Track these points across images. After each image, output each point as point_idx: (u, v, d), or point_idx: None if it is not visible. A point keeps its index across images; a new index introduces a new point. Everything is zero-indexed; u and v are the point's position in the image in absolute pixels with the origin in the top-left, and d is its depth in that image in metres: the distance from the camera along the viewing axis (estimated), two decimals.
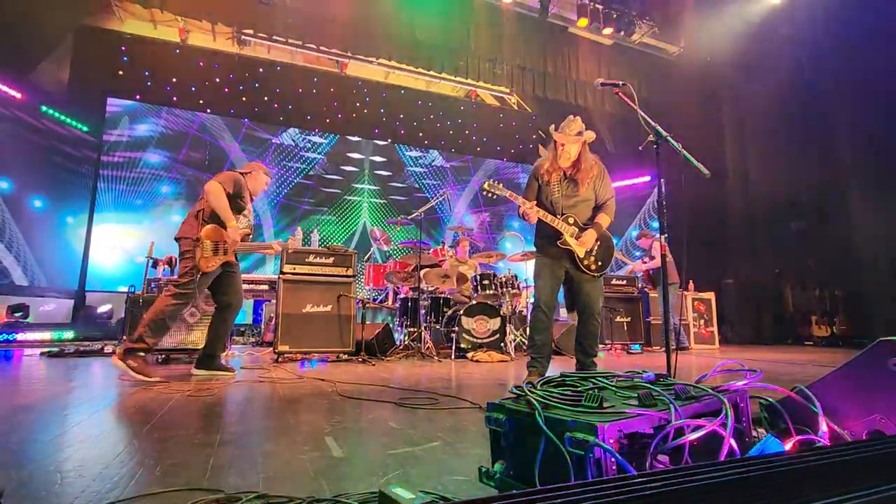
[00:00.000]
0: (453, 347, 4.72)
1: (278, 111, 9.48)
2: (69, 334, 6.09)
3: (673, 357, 2.26)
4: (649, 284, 6.39)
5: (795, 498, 0.63)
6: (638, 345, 6.11)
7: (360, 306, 4.40)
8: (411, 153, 10.68)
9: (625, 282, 6.32)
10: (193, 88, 8.86)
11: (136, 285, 4.56)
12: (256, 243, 3.34)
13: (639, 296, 6.30)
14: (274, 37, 7.86)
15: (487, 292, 5.11)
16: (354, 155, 10.14)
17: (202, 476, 1.17)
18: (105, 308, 7.00)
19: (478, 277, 5.23)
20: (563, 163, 2.89)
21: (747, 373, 1.13)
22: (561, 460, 0.87)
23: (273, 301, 5.97)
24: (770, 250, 8.18)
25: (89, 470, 1.22)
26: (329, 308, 4.23)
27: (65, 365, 3.68)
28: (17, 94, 6.73)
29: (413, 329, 5.02)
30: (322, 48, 8.23)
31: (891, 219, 6.47)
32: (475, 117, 11.28)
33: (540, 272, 2.94)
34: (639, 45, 8.90)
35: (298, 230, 5.45)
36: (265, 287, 5.88)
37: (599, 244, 2.89)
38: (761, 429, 1.15)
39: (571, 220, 2.87)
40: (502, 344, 4.89)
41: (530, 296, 6.08)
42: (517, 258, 5.95)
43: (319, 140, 9.85)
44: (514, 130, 11.67)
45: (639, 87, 2.49)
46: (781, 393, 1.15)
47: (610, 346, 5.99)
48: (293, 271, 4.19)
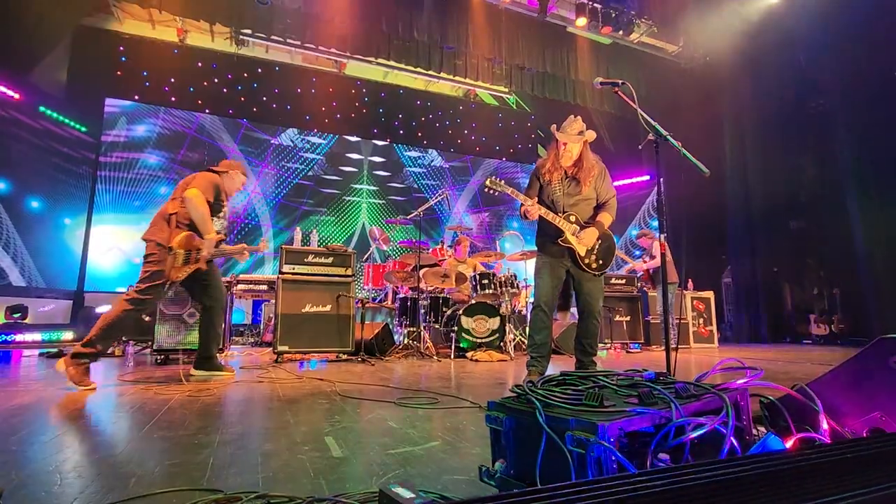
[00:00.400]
0: (453, 347, 4.72)
1: (277, 111, 9.47)
2: (68, 335, 6.08)
3: (672, 356, 2.25)
4: (648, 284, 6.40)
5: (797, 496, 0.63)
6: (637, 344, 6.12)
7: (360, 306, 4.39)
8: (410, 153, 10.68)
9: (624, 281, 6.33)
10: (192, 89, 8.85)
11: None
12: (228, 248, 3.23)
13: (638, 295, 6.31)
14: (272, 37, 7.85)
15: (487, 292, 5.11)
16: (353, 155, 10.14)
17: (202, 476, 1.17)
18: (104, 309, 6.99)
19: (477, 277, 5.23)
20: (565, 162, 2.90)
21: (748, 371, 1.13)
22: (562, 459, 0.87)
23: (272, 301, 5.97)
24: (769, 249, 8.20)
25: (89, 470, 1.22)
26: (328, 308, 4.22)
27: None
28: (16, 95, 6.71)
29: (412, 329, 5.02)
30: (320, 48, 8.22)
31: (889, 217, 6.48)
32: (474, 117, 11.28)
33: (540, 271, 2.94)
34: (638, 45, 8.90)
35: (297, 230, 5.45)
36: (264, 287, 5.88)
37: (601, 243, 2.89)
38: (762, 427, 1.15)
39: (573, 219, 2.87)
40: (502, 343, 4.89)
41: (529, 295, 6.09)
42: (516, 257, 5.95)
43: (318, 141, 9.84)
44: (513, 130, 11.68)
45: (638, 87, 2.50)
46: (782, 391, 1.15)
47: (609, 346, 6.00)
48: (292, 271, 4.18)
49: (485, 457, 1.17)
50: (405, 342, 4.97)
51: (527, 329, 3.45)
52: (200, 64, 8.92)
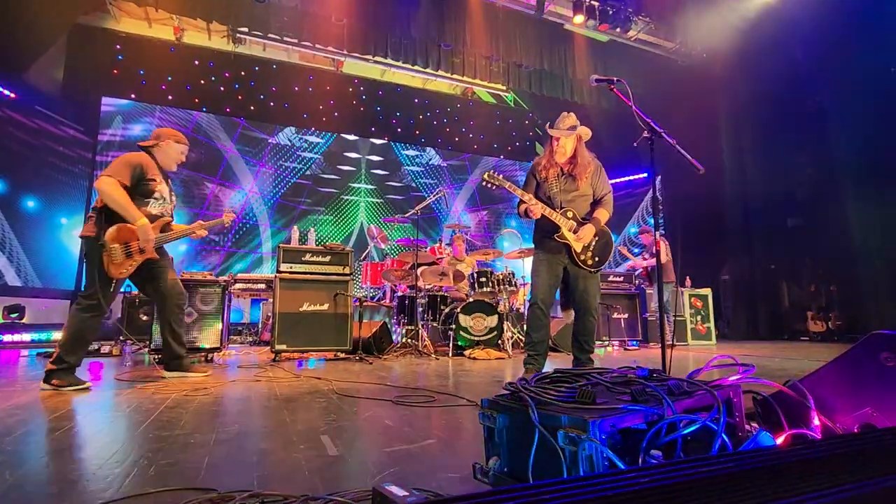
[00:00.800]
0: (450, 345, 4.72)
1: (274, 109, 9.45)
2: None
3: (668, 353, 2.26)
4: (646, 281, 6.41)
5: (787, 491, 0.63)
6: (635, 341, 6.13)
7: (358, 305, 4.39)
8: (408, 152, 10.66)
9: (622, 278, 6.34)
10: (188, 87, 8.82)
11: (132, 286, 4.54)
12: (178, 228, 2.96)
13: (636, 292, 6.32)
14: (269, 35, 7.82)
15: (484, 290, 5.11)
16: (351, 154, 10.12)
17: (196, 475, 1.17)
18: None
19: (475, 275, 5.23)
20: (559, 158, 2.90)
21: (740, 367, 1.14)
22: (554, 456, 0.87)
23: (270, 300, 5.96)
24: (766, 246, 8.22)
25: (84, 470, 1.22)
26: (326, 307, 4.22)
27: None
28: (11, 94, 6.68)
29: (410, 327, 5.02)
30: (318, 46, 8.20)
31: (886, 214, 6.50)
32: (472, 115, 11.27)
33: (537, 268, 2.94)
34: (635, 42, 8.90)
35: (295, 229, 5.44)
36: (262, 286, 5.88)
37: (597, 239, 2.89)
38: (754, 423, 1.15)
39: (570, 215, 2.87)
40: (499, 341, 4.90)
41: (527, 293, 6.09)
42: (514, 255, 5.95)
43: (316, 140, 9.82)
44: (511, 128, 11.68)
45: (635, 84, 2.50)
46: (774, 387, 1.15)
47: (608, 343, 6.01)
48: (290, 270, 4.18)
49: (480, 454, 1.18)
50: (403, 340, 4.97)
51: (524, 327, 3.45)
52: (197, 62, 8.89)
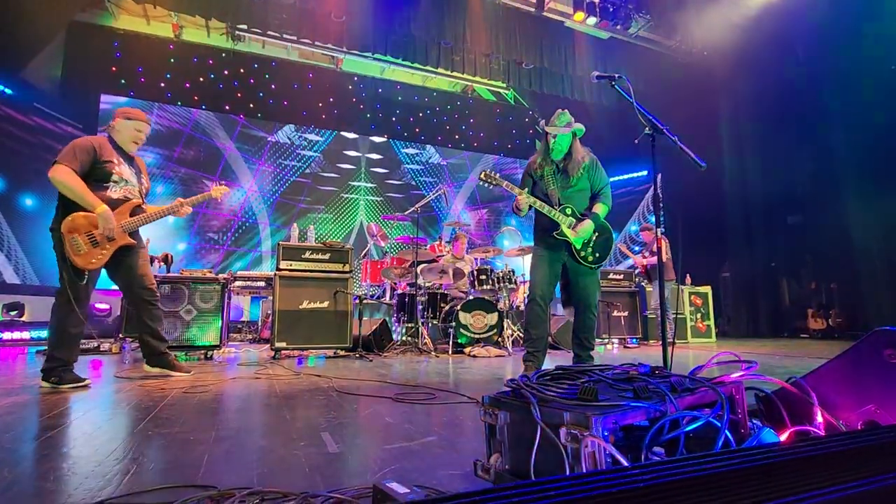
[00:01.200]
0: (450, 343, 4.72)
1: (273, 107, 9.43)
2: None
3: (669, 350, 2.26)
4: (646, 279, 6.41)
5: (791, 489, 0.63)
6: (635, 339, 6.13)
7: (358, 302, 4.39)
8: (408, 150, 10.65)
9: (622, 276, 6.34)
10: (187, 85, 8.80)
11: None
12: (157, 209, 2.81)
13: (636, 290, 6.32)
14: (268, 32, 7.79)
15: (485, 287, 5.11)
16: (350, 153, 10.10)
17: (196, 472, 1.17)
18: (102, 306, 6.97)
19: (475, 273, 5.22)
20: (556, 155, 2.89)
21: (743, 364, 1.13)
22: (556, 453, 0.86)
23: (269, 298, 5.96)
24: (766, 243, 8.21)
25: (83, 467, 1.21)
26: (326, 304, 4.22)
27: None
28: (9, 91, 6.66)
29: (410, 325, 5.02)
30: (317, 43, 8.17)
31: (886, 212, 6.49)
32: (472, 112, 11.25)
33: (536, 264, 2.93)
34: (635, 39, 8.87)
35: (294, 227, 5.44)
36: (261, 284, 5.87)
37: (598, 235, 2.87)
38: (757, 420, 1.15)
39: (569, 211, 2.85)
40: (499, 339, 4.89)
41: (527, 290, 6.09)
42: (514, 253, 5.94)
43: (315, 138, 9.80)
44: (511, 126, 11.66)
45: (635, 81, 2.48)
46: (777, 384, 1.14)
47: (607, 341, 6.01)
48: (289, 267, 4.17)
49: (481, 452, 1.17)
50: (403, 338, 4.97)
51: (524, 324, 3.44)
52: (196, 60, 8.87)
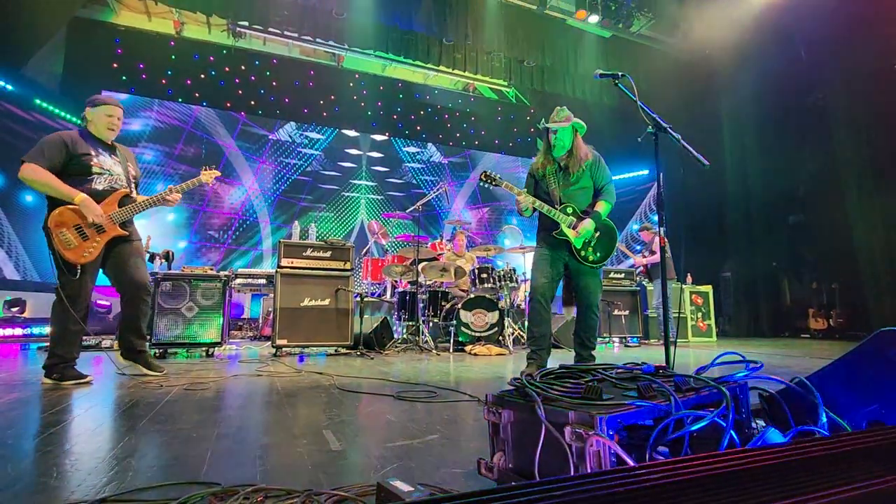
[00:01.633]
0: (451, 341, 4.72)
1: (274, 104, 9.42)
2: None
3: (671, 349, 2.25)
4: (646, 278, 6.41)
5: (797, 489, 0.63)
6: (636, 338, 6.13)
7: (359, 300, 4.39)
8: (409, 149, 10.63)
9: (623, 275, 6.33)
10: (189, 82, 8.79)
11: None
12: (143, 199, 2.77)
13: (637, 289, 6.31)
14: (269, 28, 7.78)
15: (486, 286, 5.11)
16: (352, 151, 10.09)
17: (200, 469, 1.17)
18: (103, 302, 6.98)
19: (476, 271, 5.22)
20: (557, 152, 2.87)
21: (747, 364, 1.13)
22: (561, 452, 0.86)
23: (270, 295, 5.96)
24: (768, 243, 8.21)
25: (86, 463, 1.21)
26: (327, 302, 4.22)
27: None
28: (10, 87, 6.65)
29: (411, 323, 5.02)
30: (318, 40, 8.15)
31: (887, 212, 6.48)
32: (473, 110, 11.23)
33: (537, 262, 2.92)
34: (637, 37, 8.85)
35: (296, 225, 5.43)
36: (262, 281, 5.87)
37: (599, 234, 2.86)
38: (760, 420, 1.14)
39: (570, 210, 2.83)
40: (500, 337, 4.89)
41: (528, 289, 6.08)
42: (516, 250, 5.94)
43: (316, 136, 9.79)
44: (513, 124, 11.64)
45: (637, 79, 2.47)
46: (781, 384, 1.14)
47: (608, 339, 6.01)
48: (291, 265, 4.17)
49: (483, 450, 1.17)
50: (404, 336, 4.97)
51: (526, 323, 3.44)
52: (197, 56, 8.85)
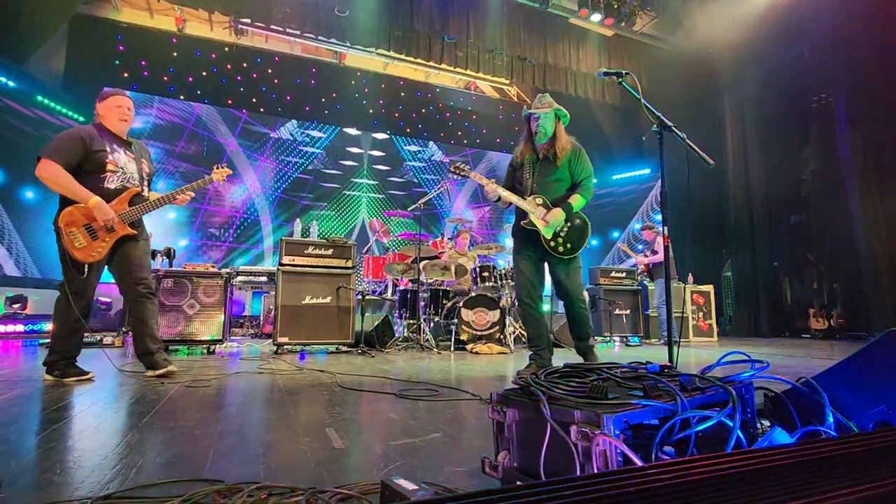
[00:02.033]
0: (452, 339, 4.72)
1: (276, 102, 9.41)
2: None
3: (675, 348, 2.25)
4: (648, 278, 6.40)
5: (804, 489, 0.62)
6: (637, 337, 6.12)
7: (360, 298, 4.39)
8: (410, 147, 10.62)
9: (624, 274, 6.33)
10: (190, 79, 8.78)
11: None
12: (155, 196, 2.73)
13: (638, 288, 6.31)
14: (271, 26, 7.77)
15: (487, 284, 5.11)
16: (353, 149, 10.08)
17: (202, 467, 1.16)
18: (104, 299, 6.98)
19: (477, 269, 5.22)
20: (539, 140, 2.81)
21: (753, 364, 1.12)
22: (566, 452, 0.86)
23: (271, 293, 5.96)
24: (769, 243, 8.19)
25: (89, 460, 1.21)
26: (328, 300, 4.22)
27: None
28: (12, 84, 6.65)
29: (412, 321, 5.02)
30: (320, 38, 8.15)
31: (889, 212, 6.47)
32: (475, 108, 11.22)
33: (517, 265, 2.87)
34: (640, 36, 8.83)
35: (297, 223, 5.43)
36: (263, 279, 5.87)
37: (570, 226, 2.77)
38: (765, 420, 1.14)
39: (539, 201, 2.76)
40: (501, 336, 4.89)
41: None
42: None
43: (318, 134, 9.79)
44: (514, 122, 11.62)
45: (640, 78, 2.47)
46: (787, 384, 1.14)
47: (609, 339, 6.01)
48: (292, 262, 4.17)
49: (486, 449, 1.17)
50: (405, 334, 4.97)
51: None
52: (199, 54, 8.85)
